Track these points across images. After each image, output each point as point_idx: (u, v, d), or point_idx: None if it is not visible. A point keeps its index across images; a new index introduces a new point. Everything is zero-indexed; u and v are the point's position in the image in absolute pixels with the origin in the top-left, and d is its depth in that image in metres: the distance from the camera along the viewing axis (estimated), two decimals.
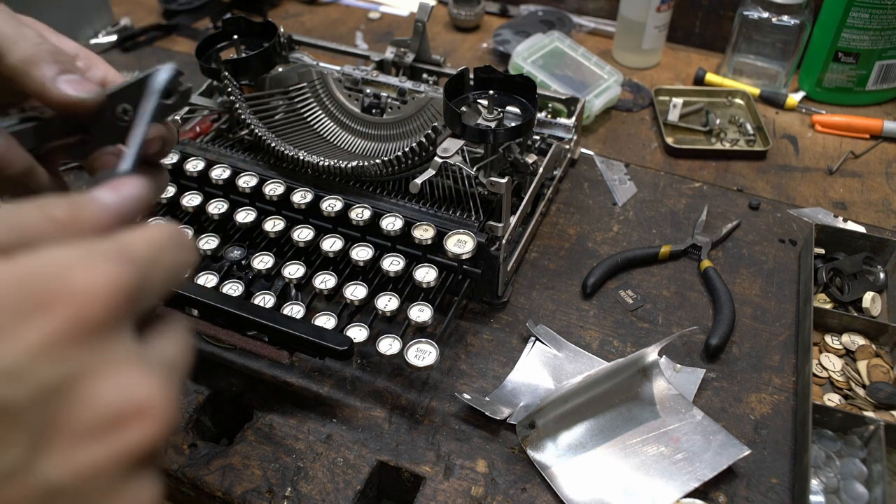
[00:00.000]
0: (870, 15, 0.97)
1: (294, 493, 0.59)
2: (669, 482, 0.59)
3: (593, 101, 0.98)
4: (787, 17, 1.01)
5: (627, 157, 0.97)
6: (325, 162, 0.74)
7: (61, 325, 0.22)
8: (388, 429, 0.64)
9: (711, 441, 0.62)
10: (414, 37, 0.90)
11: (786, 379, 0.69)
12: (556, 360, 0.70)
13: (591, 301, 0.76)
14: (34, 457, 0.21)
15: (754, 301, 0.76)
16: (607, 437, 0.63)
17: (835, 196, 0.91)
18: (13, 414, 0.21)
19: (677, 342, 0.72)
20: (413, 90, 0.83)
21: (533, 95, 0.73)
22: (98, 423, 0.23)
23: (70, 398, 0.22)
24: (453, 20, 1.24)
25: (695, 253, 0.82)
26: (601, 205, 0.89)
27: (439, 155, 0.68)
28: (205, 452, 0.62)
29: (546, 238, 0.84)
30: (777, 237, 0.84)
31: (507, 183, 0.67)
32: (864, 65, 1.02)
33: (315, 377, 0.68)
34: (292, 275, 0.70)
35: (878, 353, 0.70)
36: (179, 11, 1.27)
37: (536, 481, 0.60)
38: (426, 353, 0.63)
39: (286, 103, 0.85)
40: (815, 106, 1.06)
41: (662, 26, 1.10)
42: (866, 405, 0.65)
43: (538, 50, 1.06)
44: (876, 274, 0.77)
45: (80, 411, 0.22)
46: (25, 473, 0.21)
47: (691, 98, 1.07)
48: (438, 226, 0.70)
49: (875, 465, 0.60)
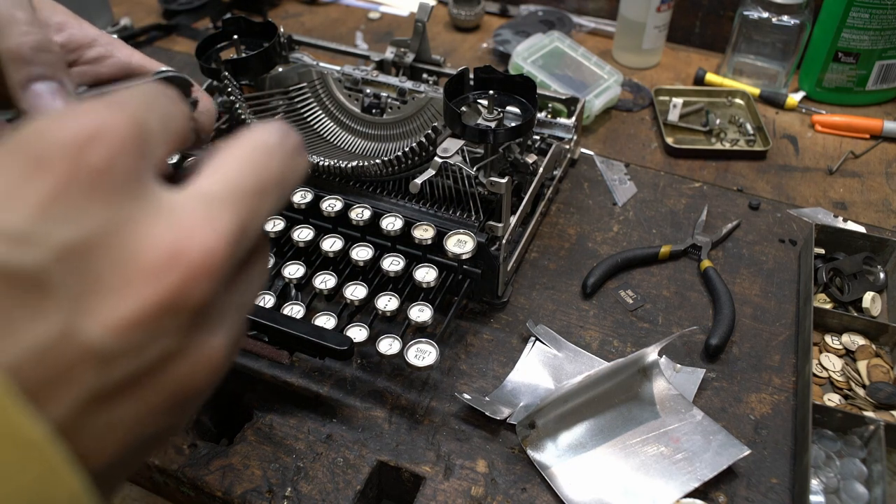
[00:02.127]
0: (870, 15, 0.97)
1: (294, 493, 0.59)
2: (669, 482, 0.59)
3: (593, 101, 0.98)
4: (787, 17, 1.01)
5: (627, 157, 0.97)
6: (325, 162, 0.74)
7: (59, 181, 0.20)
8: (388, 429, 0.64)
9: (711, 441, 0.62)
10: (414, 37, 0.90)
11: (786, 379, 0.69)
12: (556, 360, 0.70)
13: (591, 301, 0.76)
14: (77, 320, 0.20)
15: (754, 301, 0.76)
16: (607, 437, 0.63)
17: (835, 196, 0.91)
18: (39, 280, 0.20)
19: (677, 342, 0.72)
20: (413, 90, 0.83)
21: (533, 95, 0.73)
22: (140, 271, 0.21)
23: (103, 252, 0.21)
24: (453, 20, 1.24)
25: (695, 253, 0.82)
26: (601, 205, 0.89)
27: (439, 155, 0.68)
28: (205, 452, 0.62)
29: (546, 238, 0.84)
30: (777, 237, 0.84)
31: (507, 183, 0.67)
32: (864, 65, 1.02)
33: (315, 377, 0.68)
34: (292, 275, 0.70)
35: (878, 353, 0.70)
36: (179, 11, 1.27)
37: (536, 481, 0.60)
38: (426, 353, 0.63)
39: (286, 103, 0.85)
40: (815, 106, 1.06)
41: (662, 26, 1.10)
42: (866, 405, 0.65)
43: (538, 50, 1.06)
44: (876, 274, 0.77)
45: (117, 263, 0.21)
46: (71, 339, 0.20)
47: (691, 98, 1.07)
48: (438, 226, 0.70)
49: (875, 465, 0.60)
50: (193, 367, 0.23)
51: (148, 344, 0.21)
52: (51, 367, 0.20)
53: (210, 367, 0.23)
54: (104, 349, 0.20)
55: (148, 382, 0.22)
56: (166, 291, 0.21)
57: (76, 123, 0.21)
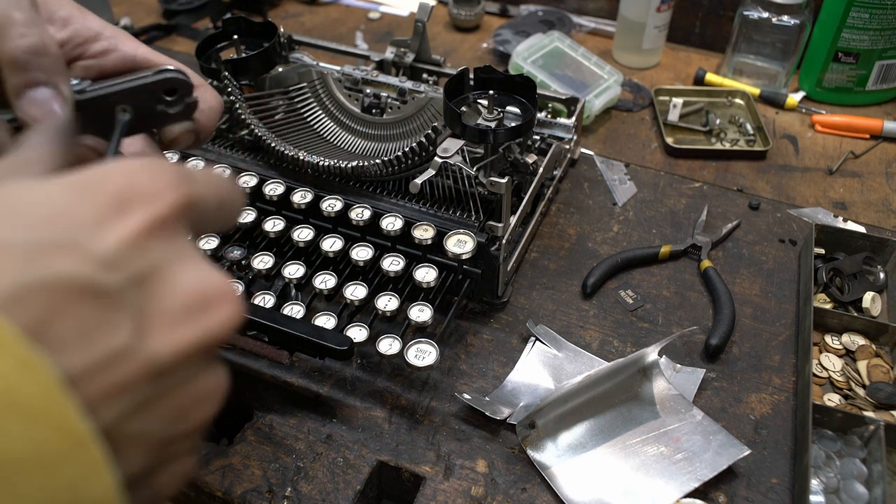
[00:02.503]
0: (870, 15, 0.97)
1: (294, 493, 0.59)
2: (669, 482, 0.59)
3: (593, 101, 0.98)
4: (787, 17, 1.01)
5: (627, 157, 0.97)
6: (325, 162, 0.74)
7: (142, 221, 0.25)
8: (388, 429, 0.64)
9: (711, 441, 0.62)
10: (414, 37, 0.90)
11: (786, 379, 0.69)
12: (556, 360, 0.70)
13: (591, 301, 0.76)
14: (140, 337, 0.24)
15: (754, 301, 0.76)
16: (607, 437, 0.63)
17: (835, 196, 0.91)
18: (115, 299, 0.23)
19: (677, 342, 0.72)
20: (413, 90, 0.83)
21: (533, 95, 0.73)
22: (188, 306, 0.26)
23: (160, 285, 0.25)
24: (453, 20, 1.24)
25: (695, 253, 0.82)
26: (601, 205, 0.89)
27: (439, 155, 0.68)
28: (205, 452, 0.62)
29: (546, 238, 0.84)
30: (777, 237, 0.84)
31: (507, 183, 0.67)
32: (864, 65, 1.02)
33: (315, 377, 0.68)
34: (292, 275, 0.70)
35: (878, 353, 0.70)
36: (179, 11, 1.27)
37: (536, 481, 0.60)
38: (426, 353, 0.63)
39: (286, 103, 0.85)
40: (815, 106, 1.06)
41: (662, 26, 1.10)
42: (866, 405, 0.65)
43: (538, 50, 1.06)
44: (876, 274, 0.77)
45: (170, 296, 0.25)
46: (134, 352, 0.23)
47: (691, 98, 1.07)
48: (438, 226, 0.70)
49: (875, 465, 0.60)
50: (208, 386, 0.27)
51: (190, 366, 0.26)
52: (112, 374, 0.23)
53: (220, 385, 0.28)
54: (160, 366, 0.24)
55: (177, 395, 0.26)
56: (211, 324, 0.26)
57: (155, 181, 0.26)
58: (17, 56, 0.35)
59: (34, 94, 0.36)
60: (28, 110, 0.36)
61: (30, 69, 0.36)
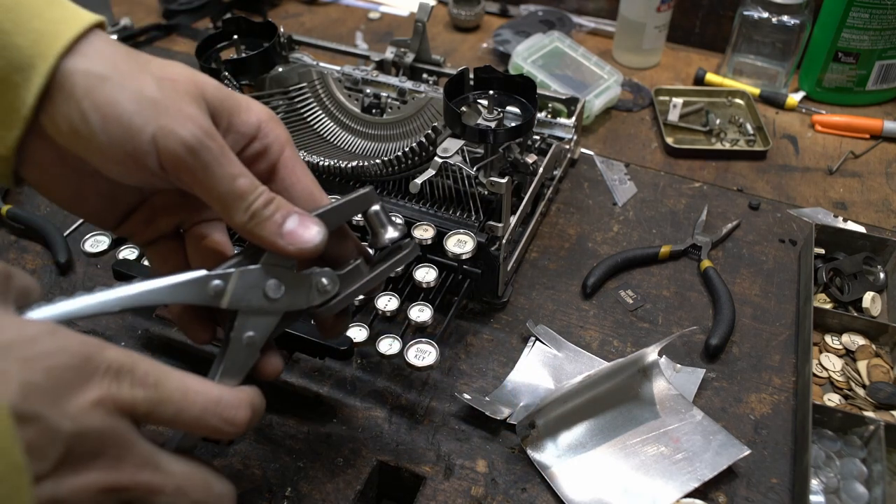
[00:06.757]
0: (870, 15, 0.97)
1: (294, 493, 0.59)
2: (669, 482, 0.59)
3: (593, 101, 0.98)
4: (787, 17, 1.01)
5: (627, 157, 0.97)
6: (325, 162, 0.74)
7: (97, 396, 0.34)
8: (388, 429, 0.64)
9: (711, 441, 0.62)
10: (414, 37, 0.90)
11: (786, 379, 0.69)
12: (556, 360, 0.70)
13: (591, 301, 0.76)
14: (54, 472, 0.32)
15: (754, 301, 0.76)
16: (607, 437, 0.63)
17: (835, 196, 0.91)
18: (56, 438, 0.32)
19: (677, 342, 0.72)
20: (413, 90, 0.83)
21: (533, 95, 0.73)
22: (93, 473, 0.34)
23: (90, 447, 0.33)
24: (453, 20, 1.25)
25: (695, 253, 0.82)
26: (601, 205, 0.89)
27: (439, 155, 0.68)
28: (204, 452, 0.62)
29: (546, 238, 0.84)
30: (777, 237, 0.84)
31: (507, 183, 0.67)
32: (864, 65, 1.02)
33: (315, 377, 0.68)
34: None
35: (878, 353, 0.70)
36: (179, 11, 1.27)
37: (536, 481, 0.60)
38: (426, 353, 0.63)
39: (286, 103, 0.85)
40: (815, 106, 1.06)
41: (662, 26, 1.10)
42: (866, 405, 0.65)
43: (538, 50, 1.06)
44: (876, 274, 0.77)
45: (90, 460, 0.34)
46: (45, 480, 0.32)
47: (691, 98, 1.07)
48: (438, 226, 0.70)
49: (875, 465, 0.60)
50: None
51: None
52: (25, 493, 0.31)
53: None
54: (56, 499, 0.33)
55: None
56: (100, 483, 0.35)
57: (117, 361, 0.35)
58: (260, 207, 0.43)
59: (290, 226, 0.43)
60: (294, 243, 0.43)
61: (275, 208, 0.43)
